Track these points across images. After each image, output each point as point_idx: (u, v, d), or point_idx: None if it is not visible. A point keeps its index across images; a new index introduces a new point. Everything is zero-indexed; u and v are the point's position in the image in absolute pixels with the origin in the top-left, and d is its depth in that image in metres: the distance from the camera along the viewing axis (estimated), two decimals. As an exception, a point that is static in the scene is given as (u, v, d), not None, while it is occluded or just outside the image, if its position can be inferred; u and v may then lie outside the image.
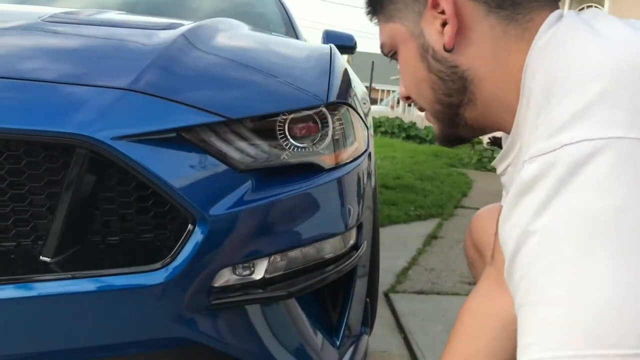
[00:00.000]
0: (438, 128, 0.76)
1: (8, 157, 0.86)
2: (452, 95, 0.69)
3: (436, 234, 3.46)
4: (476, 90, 0.67)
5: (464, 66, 0.66)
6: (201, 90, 0.99)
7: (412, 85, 0.74)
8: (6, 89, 0.86)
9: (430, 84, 0.70)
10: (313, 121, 1.06)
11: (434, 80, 0.69)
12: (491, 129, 0.72)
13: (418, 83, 0.72)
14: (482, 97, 0.67)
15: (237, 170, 0.95)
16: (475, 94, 0.67)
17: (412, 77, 0.73)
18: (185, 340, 0.93)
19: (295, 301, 1.04)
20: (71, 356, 0.89)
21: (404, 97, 0.79)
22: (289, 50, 1.39)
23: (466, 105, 0.69)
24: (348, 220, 1.11)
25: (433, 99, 0.71)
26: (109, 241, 0.93)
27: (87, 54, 1.03)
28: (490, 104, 0.67)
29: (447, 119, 0.73)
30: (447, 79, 0.68)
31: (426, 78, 0.70)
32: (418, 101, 0.76)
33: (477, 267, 1.07)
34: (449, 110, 0.71)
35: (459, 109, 0.70)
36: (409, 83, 0.75)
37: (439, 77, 0.68)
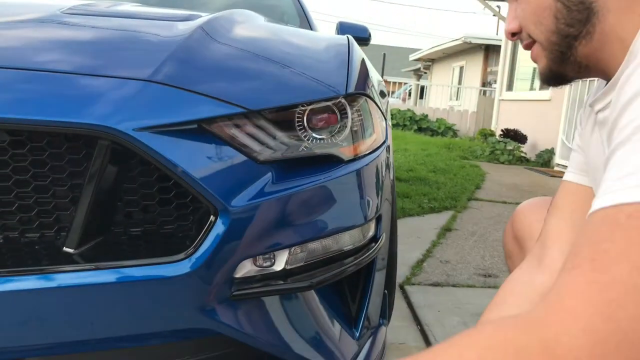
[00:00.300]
0: (545, 64, 0.78)
1: (31, 149, 0.86)
2: (573, 26, 0.71)
3: (450, 227, 3.45)
4: (597, 22, 0.70)
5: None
6: (221, 81, 0.99)
7: (532, 14, 0.75)
8: (28, 81, 0.86)
9: (553, 12, 0.72)
10: (332, 112, 1.06)
11: (559, 8, 0.71)
12: (595, 71, 0.75)
13: (540, 11, 0.74)
14: (601, 30, 0.70)
15: (257, 162, 0.95)
16: (596, 26, 0.70)
17: (534, 5, 0.74)
18: (207, 331, 0.93)
19: (314, 293, 1.04)
20: (94, 346, 0.90)
21: (512, 32, 0.80)
22: (306, 41, 1.38)
23: (583, 38, 0.71)
24: (367, 212, 1.10)
25: (553, 28, 0.73)
26: (131, 232, 0.94)
27: (107, 45, 1.03)
28: (606, 39, 0.70)
29: (558, 53, 0.75)
30: (574, 8, 0.70)
31: (551, 5, 0.72)
32: (533, 31, 0.76)
33: (514, 259, 1.07)
34: (564, 42, 0.73)
35: (575, 41, 0.72)
36: (528, 12, 0.76)
37: (565, 5, 0.71)
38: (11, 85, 0.84)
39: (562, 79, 0.79)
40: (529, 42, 0.79)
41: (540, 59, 0.78)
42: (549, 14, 0.73)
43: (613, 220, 0.47)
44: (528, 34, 0.78)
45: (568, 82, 0.80)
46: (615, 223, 0.47)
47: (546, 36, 0.75)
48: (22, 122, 0.81)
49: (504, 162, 7.77)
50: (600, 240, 0.47)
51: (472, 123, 12.33)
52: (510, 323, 0.49)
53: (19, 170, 0.87)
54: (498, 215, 4.02)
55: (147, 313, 0.88)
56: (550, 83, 0.81)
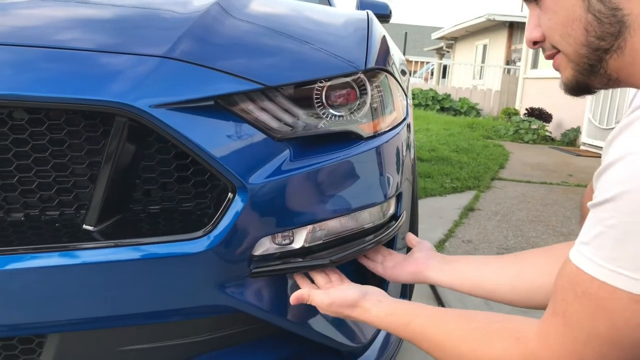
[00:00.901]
0: (571, 74, 0.74)
1: (50, 127, 0.87)
2: (604, 39, 0.68)
3: (473, 206, 3.42)
4: (629, 37, 0.66)
5: (626, 10, 0.65)
6: (238, 58, 0.98)
7: (559, 25, 0.71)
8: (45, 59, 0.86)
9: (584, 25, 0.69)
10: (351, 88, 1.04)
11: (590, 20, 0.68)
12: (626, 83, 0.72)
13: (569, 22, 0.70)
14: (632, 46, 0.67)
15: (274, 139, 0.93)
16: (627, 40, 0.67)
17: (562, 16, 0.71)
18: (226, 308, 0.93)
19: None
20: (114, 323, 0.91)
21: (534, 40, 0.77)
22: (325, 17, 1.36)
23: (614, 52, 0.68)
24: (387, 190, 1.09)
25: (582, 41, 0.70)
26: (150, 210, 0.94)
27: (123, 23, 1.03)
28: (638, 54, 0.67)
29: (587, 65, 0.71)
30: (605, 21, 0.67)
31: (581, 18, 0.68)
32: (560, 42, 0.73)
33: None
34: (593, 56, 0.70)
35: (606, 55, 0.69)
36: (556, 22, 0.72)
37: (597, 17, 0.67)
38: (28, 63, 0.84)
39: (588, 90, 0.76)
40: (553, 52, 0.75)
41: (564, 70, 0.75)
42: (579, 26, 0.69)
43: (576, 285, 0.60)
44: (552, 45, 0.75)
45: (593, 93, 0.77)
46: (577, 289, 0.60)
47: (574, 49, 0.71)
48: (39, 99, 0.81)
49: (528, 142, 7.65)
50: (569, 300, 0.61)
51: (496, 102, 12.14)
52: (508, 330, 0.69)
53: (38, 149, 0.87)
54: (522, 195, 3.96)
55: (166, 290, 0.89)
56: (573, 93, 0.77)
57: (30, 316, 0.86)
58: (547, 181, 4.64)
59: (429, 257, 1.04)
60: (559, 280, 0.64)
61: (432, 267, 1.02)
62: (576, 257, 0.61)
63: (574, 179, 4.89)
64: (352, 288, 0.91)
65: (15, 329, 0.89)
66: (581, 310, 0.59)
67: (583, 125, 7.37)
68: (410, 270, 1.04)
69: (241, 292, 0.93)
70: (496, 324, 0.71)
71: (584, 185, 4.56)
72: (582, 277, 0.59)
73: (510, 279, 0.93)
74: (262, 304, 0.96)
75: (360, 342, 1.12)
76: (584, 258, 0.59)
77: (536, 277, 0.90)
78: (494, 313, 0.76)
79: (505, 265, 0.96)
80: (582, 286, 0.59)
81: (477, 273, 0.97)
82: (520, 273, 0.92)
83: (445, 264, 1.02)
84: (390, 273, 1.06)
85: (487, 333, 0.71)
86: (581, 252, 0.60)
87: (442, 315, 0.79)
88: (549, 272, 0.88)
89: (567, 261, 0.63)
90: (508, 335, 0.68)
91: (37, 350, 0.95)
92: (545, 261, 0.91)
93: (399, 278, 1.05)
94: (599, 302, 0.58)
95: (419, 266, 1.03)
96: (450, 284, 1.00)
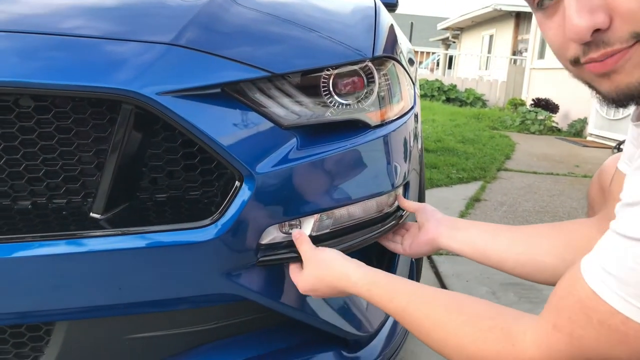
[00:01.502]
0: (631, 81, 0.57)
1: (56, 114, 0.86)
2: None
3: (479, 197, 3.41)
4: None
5: None
6: (244, 45, 0.97)
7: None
8: (51, 46, 0.85)
9: None
10: (358, 76, 1.03)
11: None
12: None
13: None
14: None
15: (281, 127, 0.93)
16: None
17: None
18: (233, 296, 0.93)
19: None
20: (122, 311, 0.91)
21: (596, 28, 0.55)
22: (331, 4, 1.35)
23: None
24: (395, 179, 1.08)
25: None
26: (157, 198, 0.94)
27: (129, 10, 1.02)
28: None
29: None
30: None
31: None
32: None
33: (595, 208, 1.02)
34: None
35: None
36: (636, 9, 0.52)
37: None
38: (34, 50, 0.84)
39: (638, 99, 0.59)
40: (625, 45, 0.55)
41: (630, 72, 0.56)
42: None
43: (591, 311, 0.56)
44: (632, 34, 0.53)
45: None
46: (592, 315, 0.56)
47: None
48: (45, 86, 0.80)
49: (534, 132, 7.62)
50: (581, 324, 0.57)
51: (502, 93, 12.08)
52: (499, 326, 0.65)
53: (45, 136, 0.87)
54: (528, 186, 3.95)
55: (173, 278, 0.89)
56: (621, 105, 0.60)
57: (37, 304, 0.86)
58: (554, 172, 4.62)
59: (439, 224, 1.04)
60: (565, 295, 0.60)
61: (443, 234, 1.02)
62: (596, 283, 0.56)
63: (580, 169, 4.87)
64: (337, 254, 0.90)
65: (23, 317, 0.90)
66: (597, 338, 0.56)
67: (590, 116, 7.33)
68: (425, 241, 1.04)
69: (248, 280, 0.92)
70: (488, 321, 0.67)
71: (591, 176, 4.53)
72: (600, 306, 0.55)
73: (518, 254, 0.93)
74: (269, 292, 0.96)
75: (367, 331, 1.12)
76: (606, 288, 0.54)
77: (544, 257, 0.90)
78: (485, 304, 0.71)
79: (515, 239, 0.95)
80: (599, 315, 0.55)
81: (487, 243, 0.97)
82: (529, 249, 0.92)
83: (456, 230, 1.01)
84: (410, 250, 1.07)
85: (479, 331, 0.67)
86: (604, 281, 0.55)
87: (430, 298, 0.75)
88: (557, 253, 0.88)
89: (579, 278, 0.58)
90: (502, 338, 0.65)
91: (45, 338, 0.95)
92: (554, 241, 0.91)
93: (420, 252, 1.06)
94: (620, 336, 0.54)
95: (430, 234, 1.03)
96: (461, 250, 1.00)
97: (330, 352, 1.11)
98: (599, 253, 0.57)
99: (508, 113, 9.18)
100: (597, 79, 0.60)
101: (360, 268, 0.85)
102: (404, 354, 1.59)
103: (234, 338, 1.05)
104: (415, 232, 1.08)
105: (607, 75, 0.58)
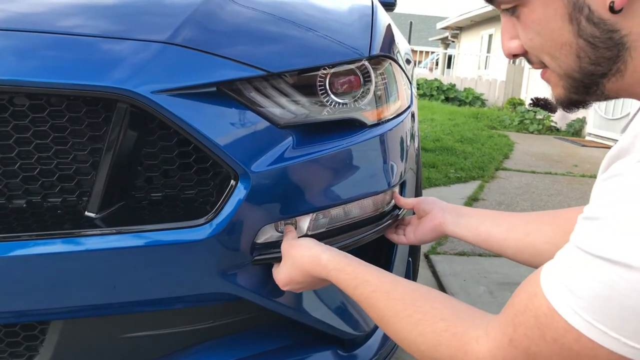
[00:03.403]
0: (563, 93, 0.66)
1: (51, 113, 0.86)
2: (600, 65, 0.60)
3: (477, 196, 3.41)
4: (630, 59, 0.58)
5: (624, 30, 0.57)
6: (240, 44, 0.97)
7: (545, 47, 0.62)
8: (46, 45, 0.85)
9: (575, 51, 0.60)
10: (355, 75, 1.03)
11: (582, 46, 0.59)
12: (629, 96, 0.64)
13: (557, 47, 0.61)
14: (635, 68, 0.58)
15: (277, 126, 0.93)
16: (628, 63, 0.58)
17: (548, 39, 0.61)
18: (229, 295, 0.93)
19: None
20: (118, 310, 0.91)
21: (514, 53, 0.68)
22: (328, 3, 1.34)
23: (612, 76, 0.60)
24: (391, 178, 1.08)
25: (574, 67, 0.61)
26: (152, 197, 0.93)
27: (124, 9, 1.02)
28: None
29: (581, 87, 0.63)
30: (600, 46, 0.58)
31: (571, 43, 0.60)
32: (549, 62, 0.64)
33: None
34: (588, 80, 0.62)
35: (602, 79, 0.61)
36: (540, 44, 0.63)
37: (590, 43, 0.58)
38: (29, 48, 0.84)
39: (582, 105, 0.67)
40: (541, 66, 0.66)
41: (555, 86, 0.66)
42: (569, 51, 0.60)
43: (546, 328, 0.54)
44: (539, 60, 0.65)
45: (587, 107, 0.68)
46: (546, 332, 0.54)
47: (566, 72, 0.62)
48: (40, 85, 0.80)
49: (533, 132, 7.62)
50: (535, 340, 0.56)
51: (501, 92, 12.08)
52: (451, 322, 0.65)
53: (39, 135, 0.87)
54: (526, 185, 3.95)
55: (168, 277, 0.88)
56: (566, 109, 0.69)
57: (32, 303, 0.86)
58: (552, 171, 4.62)
59: (443, 211, 1.05)
60: (522, 310, 0.57)
61: (448, 220, 1.03)
62: (553, 296, 0.54)
63: (579, 169, 4.87)
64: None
65: (18, 316, 0.89)
66: (550, 356, 0.55)
67: (589, 116, 7.33)
68: (431, 228, 1.05)
69: (244, 279, 0.92)
70: (442, 323, 0.66)
71: (589, 176, 4.54)
72: (555, 321, 0.53)
73: (517, 241, 0.94)
74: (264, 291, 0.96)
75: (363, 331, 1.12)
76: (563, 303, 0.53)
77: (541, 244, 0.91)
78: (442, 301, 0.70)
79: (515, 225, 0.97)
80: (553, 332, 0.54)
81: (489, 229, 0.99)
82: (527, 236, 0.93)
83: (460, 216, 1.03)
84: (414, 238, 1.08)
85: (431, 332, 0.66)
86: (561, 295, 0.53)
87: (389, 289, 0.74)
88: (553, 240, 0.89)
89: (537, 293, 0.56)
90: (455, 345, 0.63)
91: (39, 337, 0.95)
92: (551, 228, 0.92)
93: (425, 239, 1.07)
94: (573, 355, 0.53)
95: (437, 221, 1.04)
96: (464, 236, 1.02)
97: (326, 351, 1.11)
98: (558, 265, 0.56)
99: (507, 112, 9.18)
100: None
101: (330, 251, 0.84)
102: (400, 353, 1.59)
103: (230, 337, 1.05)
104: (417, 223, 1.08)
105: (548, 84, 0.68)
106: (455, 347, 0.63)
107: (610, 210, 0.51)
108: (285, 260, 0.89)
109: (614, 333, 0.49)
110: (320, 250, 0.84)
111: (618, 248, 0.49)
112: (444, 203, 1.08)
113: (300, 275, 0.86)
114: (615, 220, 0.50)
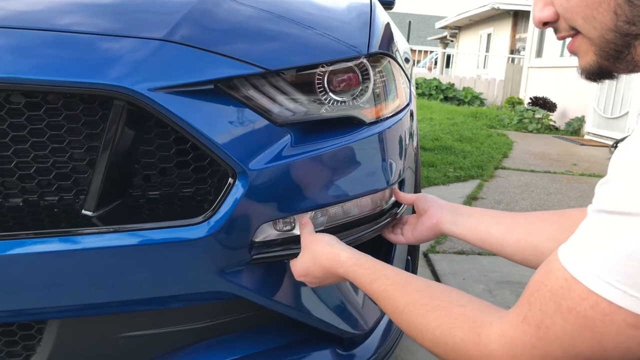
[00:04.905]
0: (593, 60, 0.66)
1: (47, 110, 0.86)
2: (635, 24, 0.60)
3: (476, 195, 3.41)
4: None
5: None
6: (238, 41, 0.96)
7: (581, 7, 0.63)
8: (43, 42, 0.84)
9: (612, 7, 0.60)
10: (353, 73, 1.02)
11: (620, 3, 0.60)
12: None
13: (594, 5, 0.61)
14: None
15: (275, 124, 0.92)
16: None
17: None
18: (227, 294, 0.92)
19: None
20: (116, 309, 0.90)
21: (545, 21, 0.68)
22: (326, 1, 1.34)
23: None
24: (390, 177, 1.08)
25: (610, 25, 0.62)
26: (149, 195, 0.93)
27: (122, 7, 1.01)
28: None
29: (613, 51, 0.63)
30: (638, 4, 0.59)
31: (609, 0, 0.60)
32: (582, 25, 0.64)
33: None
34: (621, 41, 0.62)
35: (636, 41, 0.61)
36: (577, 3, 0.63)
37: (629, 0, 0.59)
38: (26, 45, 0.83)
39: (610, 76, 0.67)
40: (570, 34, 0.66)
41: (585, 54, 0.66)
42: (606, 9, 0.60)
43: (562, 299, 0.55)
44: (570, 26, 0.65)
45: (615, 79, 0.68)
46: (562, 303, 0.55)
47: (600, 33, 0.62)
48: (36, 82, 0.80)
49: (532, 131, 7.62)
50: (549, 313, 0.56)
51: (500, 91, 12.08)
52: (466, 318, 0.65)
53: (36, 133, 0.86)
54: (525, 184, 3.95)
55: (166, 276, 0.88)
56: (593, 79, 0.69)
57: (29, 302, 0.86)
58: (551, 170, 4.62)
59: (441, 209, 1.04)
60: (537, 288, 0.59)
61: (445, 219, 1.03)
62: (570, 263, 0.55)
63: (577, 168, 4.87)
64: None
65: (14, 315, 0.89)
66: (563, 326, 0.55)
67: (587, 115, 7.33)
68: (429, 227, 1.04)
69: (242, 278, 0.92)
70: (458, 308, 0.67)
71: (588, 175, 4.54)
72: (572, 289, 0.54)
73: (517, 240, 0.93)
74: (263, 290, 0.95)
75: (362, 330, 1.12)
76: (581, 267, 0.54)
77: (542, 243, 0.90)
78: (459, 293, 0.72)
79: (515, 224, 0.96)
80: (569, 302, 0.54)
81: (488, 229, 0.98)
82: (528, 236, 0.93)
83: (458, 216, 1.02)
84: (412, 237, 1.08)
85: (447, 316, 0.67)
86: (579, 260, 0.54)
87: (406, 282, 0.77)
88: (557, 237, 0.88)
89: (553, 268, 0.57)
90: (468, 327, 0.64)
91: (36, 337, 0.94)
92: (554, 228, 0.91)
93: (423, 238, 1.07)
94: (587, 322, 0.53)
95: (434, 219, 1.04)
96: (463, 235, 1.01)
97: (325, 350, 1.11)
98: (576, 238, 0.57)
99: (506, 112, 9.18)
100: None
101: (350, 249, 0.87)
102: (399, 351, 1.59)
103: (228, 336, 1.05)
104: (415, 221, 1.08)
105: (575, 54, 0.68)
106: (468, 329, 0.64)
107: (621, 169, 0.53)
108: (305, 253, 0.91)
109: (634, 291, 0.50)
110: (341, 248, 0.87)
111: (635, 200, 0.50)
112: (442, 201, 1.07)
113: (318, 271, 0.88)
114: (628, 176, 0.51)
